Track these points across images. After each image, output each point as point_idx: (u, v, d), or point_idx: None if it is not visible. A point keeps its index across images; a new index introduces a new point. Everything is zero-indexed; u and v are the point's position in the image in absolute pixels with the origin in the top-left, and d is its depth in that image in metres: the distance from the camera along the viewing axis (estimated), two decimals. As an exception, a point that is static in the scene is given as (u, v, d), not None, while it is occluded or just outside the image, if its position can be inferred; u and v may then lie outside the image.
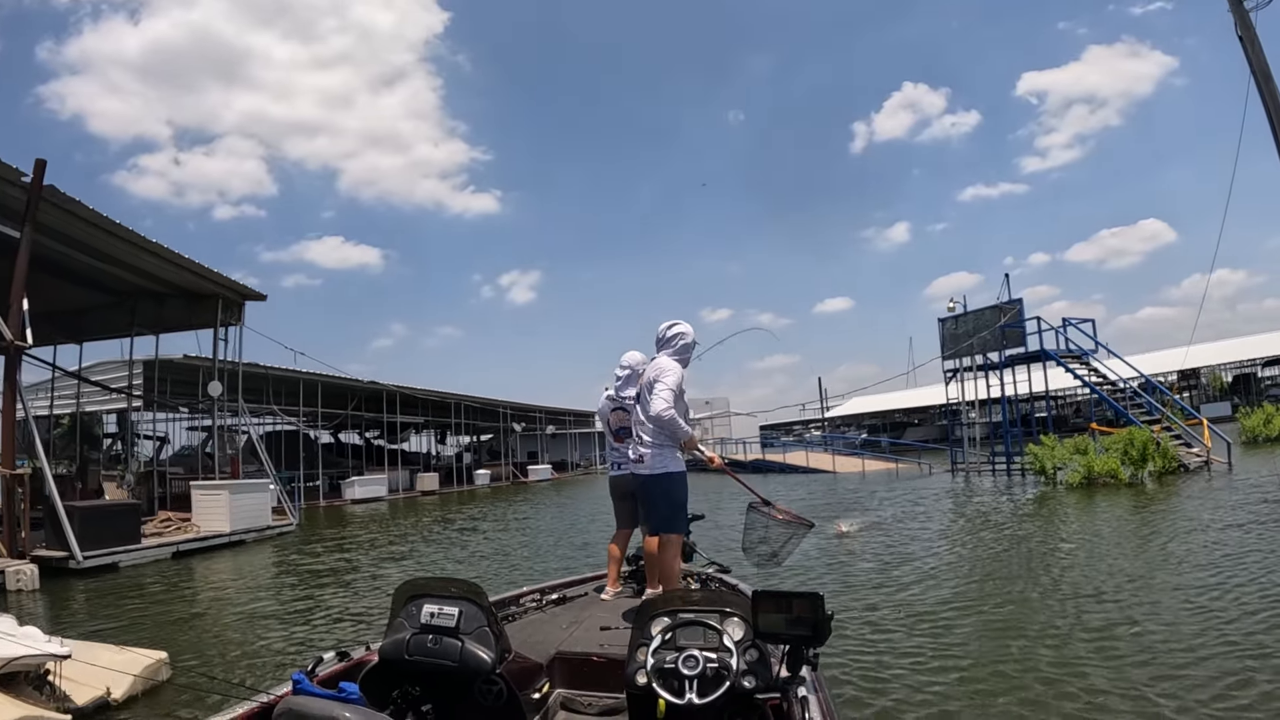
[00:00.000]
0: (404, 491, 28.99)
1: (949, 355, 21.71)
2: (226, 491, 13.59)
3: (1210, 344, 34.48)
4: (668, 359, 4.14)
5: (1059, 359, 18.22)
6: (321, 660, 2.57)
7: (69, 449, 21.21)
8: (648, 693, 2.23)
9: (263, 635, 6.52)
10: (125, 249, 14.05)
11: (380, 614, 7.25)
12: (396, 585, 2.72)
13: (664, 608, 2.45)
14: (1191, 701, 3.71)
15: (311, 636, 6.31)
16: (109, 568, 10.93)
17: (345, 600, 8.04)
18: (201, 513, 13.68)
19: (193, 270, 15.14)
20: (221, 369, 16.58)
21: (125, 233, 13.30)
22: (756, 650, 2.26)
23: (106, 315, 18.36)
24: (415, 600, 2.50)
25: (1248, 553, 7.03)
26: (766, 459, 33.26)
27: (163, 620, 7.36)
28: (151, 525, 13.26)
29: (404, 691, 2.40)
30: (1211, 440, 15.83)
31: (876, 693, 4.17)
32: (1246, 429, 21.44)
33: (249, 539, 13.78)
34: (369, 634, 5.93)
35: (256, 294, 16.98)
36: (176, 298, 17.46)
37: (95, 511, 11.45)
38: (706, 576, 4.59)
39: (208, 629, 6.99)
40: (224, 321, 16.75)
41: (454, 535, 14.39)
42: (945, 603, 6.12)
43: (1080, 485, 14.48)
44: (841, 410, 62.44)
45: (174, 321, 17.94)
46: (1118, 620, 5.18)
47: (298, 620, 7.10)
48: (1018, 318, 19.36)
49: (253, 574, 10.80)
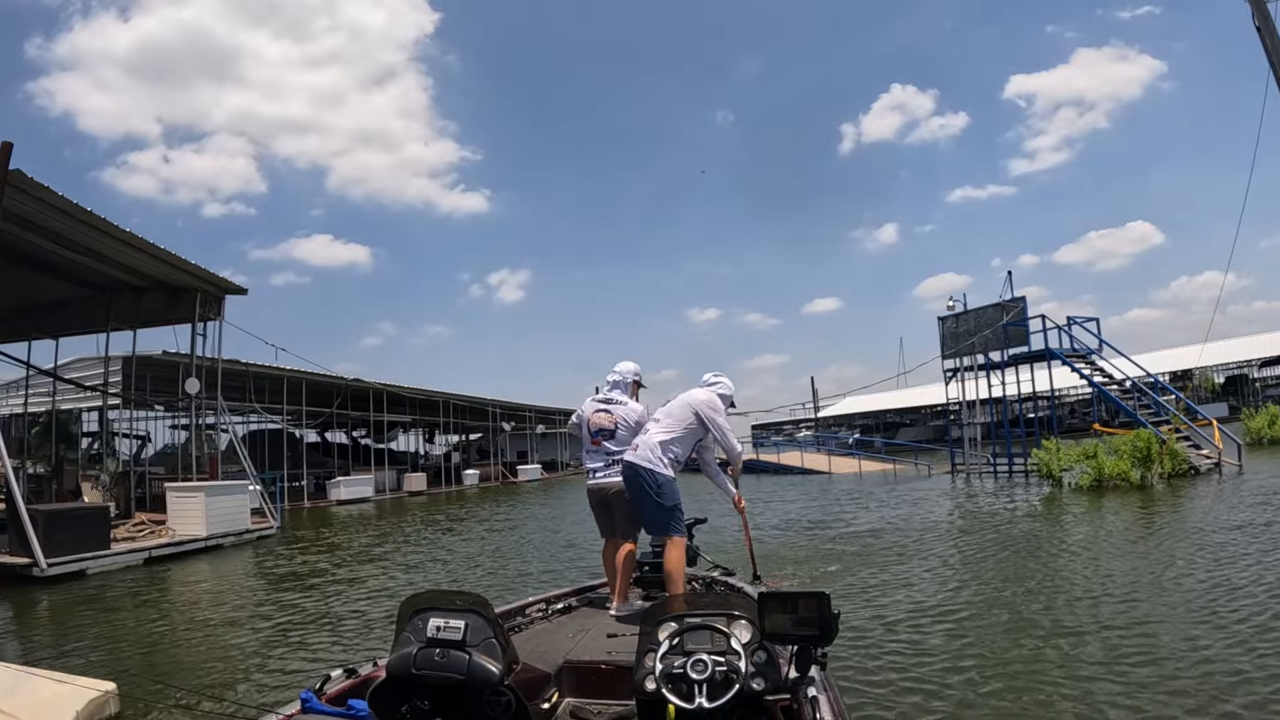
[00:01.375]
0: (391, 492, 28.36)
1: (949, 355, 21.30)
2: (203, 493, 12.93)
3: (1211, 344, 34.19)
4: (713, 394, 4.39)
5: (1065, 358, 17.79)
6: (329, 678, 2.54)
7: (45, 448, 20.48)
8: (657, 699, 2.22)
9: (230, 654, 5.97)
10: (98, 239, 13.41)
11: (363, 623, 6.81)
12: (375, 592, 2.34)
13: (670, 613, 2.46)
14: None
15: (285, 655, 5.75)
16: (75, 575, 10.32)
17: (323, 610, 7.47)
18: (177, 516, 13.03)
19: (169, 262, 14.48)
20: (200, 365, 15.92)
21: (98, 221, 12.66)
22: (764, 652, 2.28)
23: (83, 310, 17.70)
24: (421, 614, 2.46)
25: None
26: (760, 459, 32.77)
27: (125, 636, 6.77)
28: (124, 529, 12.60)
29: (413, 706, 2.37)
30: (1223, 441, 15.45)
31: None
32: (1251, 430, 21.18)
33: (227, 543, 13.16)
34: (345, 649, 5.43)
35: (237, 287, 16.34)
36: (155, 291, 16.83)
37: (61, 515, 10.81)
38: (711, 580, 4.60)
39: (171, 647, 6.40)
40: (202, 316, 16.09)
41: (435, 537, 13.84)
42: (960, 612, 5.65)
43: (1090, 488, 14.08)
44: (833, 410, 62.24)
45: (152, 316, 17.28)
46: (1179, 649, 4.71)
47: (271, 635, 6.53)
48: (1021, 316, 18.96)
49: (228, 582, 10.21)
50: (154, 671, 5.36)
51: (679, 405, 4.33)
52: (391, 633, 2.60)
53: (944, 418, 56.38)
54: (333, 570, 10.44)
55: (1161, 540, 8.51)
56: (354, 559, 11.61)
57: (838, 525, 12.10)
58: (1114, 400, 17.57)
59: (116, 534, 12.19)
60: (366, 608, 7.56)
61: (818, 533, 11.40)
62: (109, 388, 18.35)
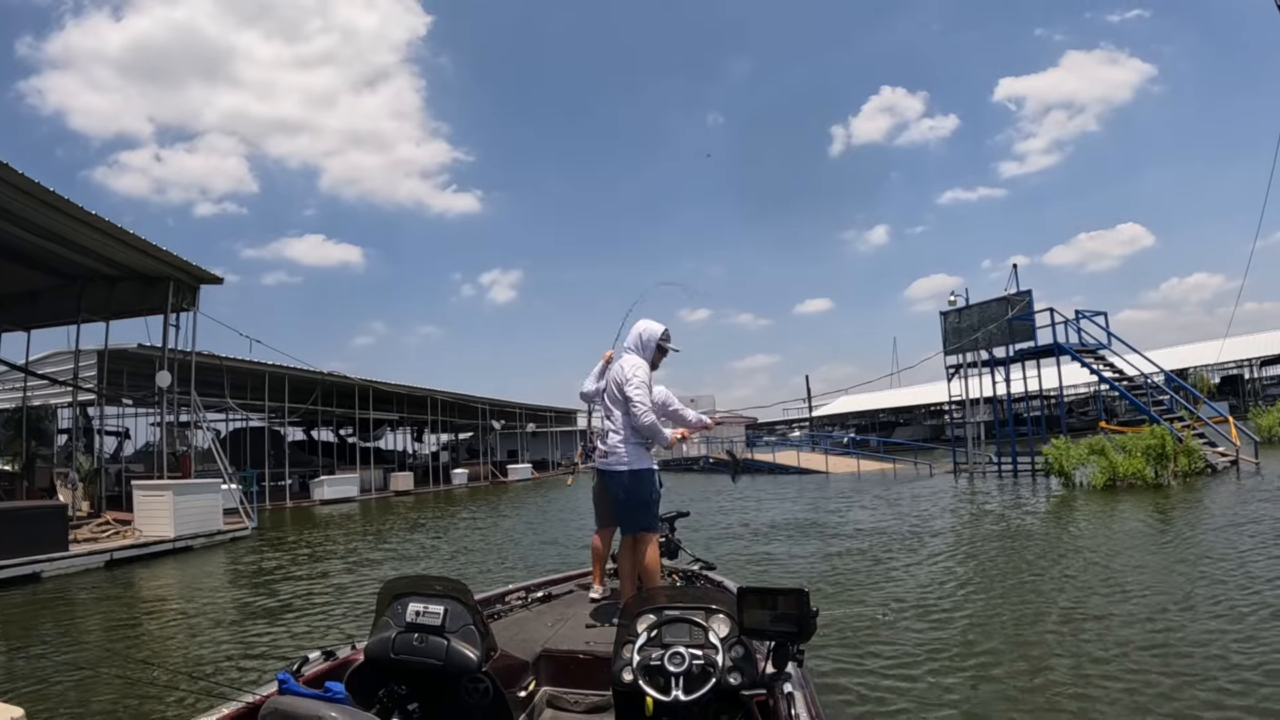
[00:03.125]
0: (377, 491, 27.57)
1: (951, 350, 20.71)
2: (170, 492, 12.14)
3: (1209, 343, 33.84)
4: (635, 356, 3.95)
5: (1074, 353, 17.22)
6: (307, 660, 2.51)
7: (16, 444, 19.65)
8: (634, 690, 2.22)
9: (176, 666, 5.28)
10: (63, 222, 12.61)
11: (333, 634, 6.15)
12: (340, 601, 1.84)
13: (649, 605, 2.45)
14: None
15: (240, 677, 5.07)
16: (29, 578, 9.61)
17: (293, 619, 6.79)
18: (144, 516, 12.26)
19: (138, 247, 13.70)
20: (172, 358, 15.15)
21: (59, 202, 11.87)
22: (742, 647, 2.26)
23: (54, 300, 16.89)
24: (400, 599, 2.46)
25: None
26: (755, 458, 32.15)
27: (69, 650, 6.07)
28: (87, 530, 11.85)
29: (390, 690, 2.37)
30: (1240, 439, 14.92)
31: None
32: (1262, 428, 20.80)
33: (197, 545, 12.39)
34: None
35: (212, 276, 15.56)
36: (128, 281, 16.04)
37: (14, 514, 10.05)
38: (692, 574, 4.55)
39: (114, 663, 5.70)
40: (175, 306, 15.30)
41: (412, 538, 13.14)
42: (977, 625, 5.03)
43: (1105, 487, 13.53)
44: (826, 410, 61.93)
45: (124, 306, 16.47)
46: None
47: (230, 650, 5.83)
48: (1027, 310, 18.39)
49: (190, 587, 9.48)
50: (75, 696, 4.66)
51: (612, 388, 3.97)
52: (370, 617, 2.56)
53: (941, 416, 56.55)
54: (304, 576, 9.74)
55: (1211, 546, 7.88)
56: (327, 559, 10.91)
57: (850, 538, 11.49)
58: (1129, 398, 17.01)
59: (78, 535, 11.46)
60: (339, 618, 6.90)
61: (841, 558, 10.77)
62: (81, 382, 17.56)
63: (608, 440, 3.90)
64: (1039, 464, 16.49)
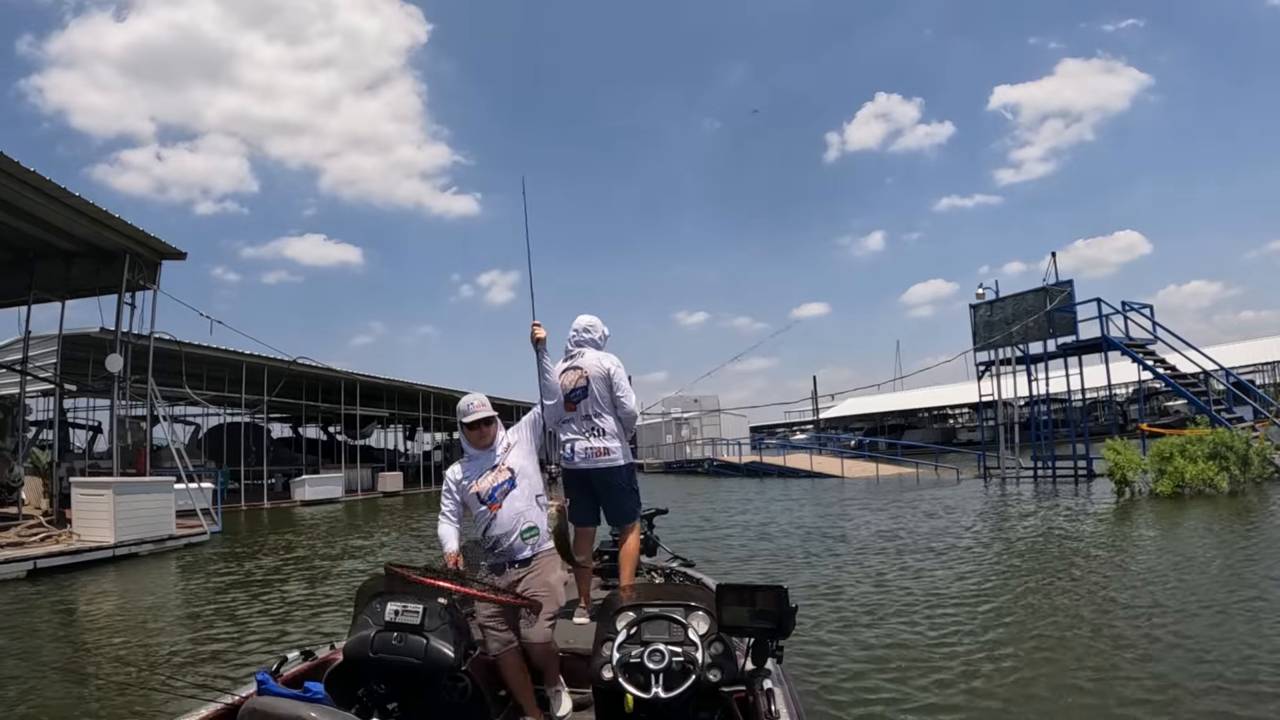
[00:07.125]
0: (363, 492, 25.97)
1: (981, 346, 19.20)
2: (111, 491, 10.51)
3: (1220, 347, 32.42)
4: (611, 356, 4.03)
5: (1124, 348, 15.71)
6: (286, 660, 2.51)
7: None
8: (613, 687, 2.21)
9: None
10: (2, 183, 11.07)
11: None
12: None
13: (629, 602, 2.45)
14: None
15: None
16: (-71, 592, 8.05)
17: (240, 646, 5.26)
18: (82, 518, 10.65)
19: (88, 214, 12.12)
20: (125, 341, 13.58)
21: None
22: (721, 644, 2.26)
23: (4, 278, 15.32)
24: (379, 598, 2.45)
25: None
26: (763, 461, 30.60)
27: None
28: (14, 533, 10.26)
29: (369, 690, 2.34)
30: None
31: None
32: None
33: (144, 551, 10.77)
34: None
35: (174, 251, 13.97)
36: (84, 257, 14.47)
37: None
38: (671, 571, 4.48)
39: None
40: (132, 284, 13.73)
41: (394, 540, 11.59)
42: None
43: (1172, 495, 12.06)
44: (831, 413, 60.72)
45: (80, 284, 14.91)
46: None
47: (133, 697, 4.30)
48: (1068, 301, 16.90)
49: (124, 607, 7.93)
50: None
51: (599, 387, 3.94)
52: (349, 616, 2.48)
53: (947, 420, 55.17)
54: (258, 593, 8.19)
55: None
56: (293, 571, 9.36)
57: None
58: (1189, 397, 15.50)
59: (2, 539, 9.89)
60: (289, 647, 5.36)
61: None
62: (35, 371, 15.97)
63: (595, 440, 3.87)
64: (1097, 469, 14.95)
